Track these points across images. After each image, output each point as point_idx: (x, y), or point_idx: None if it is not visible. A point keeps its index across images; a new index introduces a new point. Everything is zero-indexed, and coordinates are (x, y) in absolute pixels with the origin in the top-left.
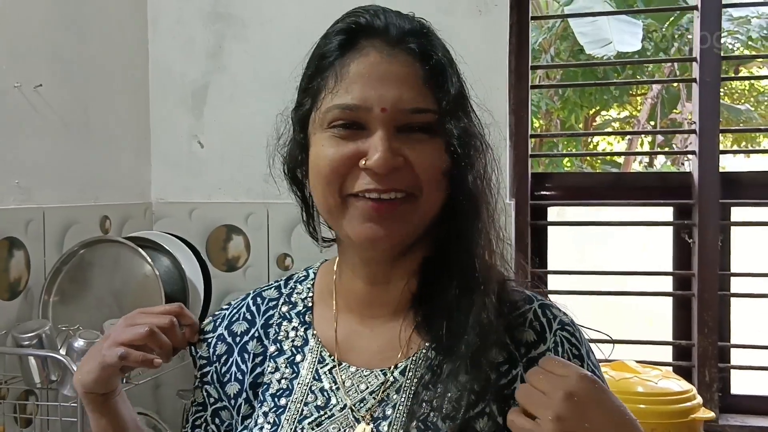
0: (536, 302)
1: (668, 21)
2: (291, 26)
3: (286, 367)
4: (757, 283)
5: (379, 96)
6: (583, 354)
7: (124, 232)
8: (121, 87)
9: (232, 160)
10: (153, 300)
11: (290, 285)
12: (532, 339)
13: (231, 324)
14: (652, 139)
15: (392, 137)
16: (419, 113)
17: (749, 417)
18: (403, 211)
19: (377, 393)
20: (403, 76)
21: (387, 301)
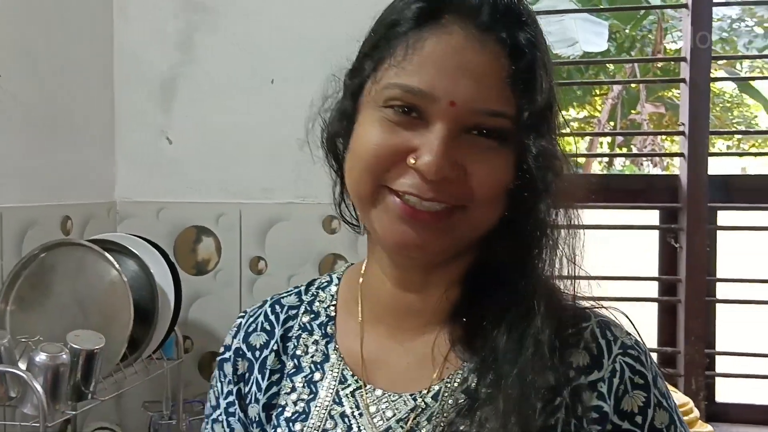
0: (594, 319)
1: (631, 22)
2: (267, 18)
3: (303, 386)
4: (740, 289)
5: (452, 87)
6: (649, 383)
7: (86, 234)
8: (85, 79)
9: (202, 157)
10: (120, 307)
11: (311, 291)
12: (585, 363)
13: (248, 336)
14: (611, 140)
15: (453, 138)
16: (494, 117)
17: (735, 426)
18: (447, 224)
19: (405, 421)
20: (485, 69)
21: (421, 310)
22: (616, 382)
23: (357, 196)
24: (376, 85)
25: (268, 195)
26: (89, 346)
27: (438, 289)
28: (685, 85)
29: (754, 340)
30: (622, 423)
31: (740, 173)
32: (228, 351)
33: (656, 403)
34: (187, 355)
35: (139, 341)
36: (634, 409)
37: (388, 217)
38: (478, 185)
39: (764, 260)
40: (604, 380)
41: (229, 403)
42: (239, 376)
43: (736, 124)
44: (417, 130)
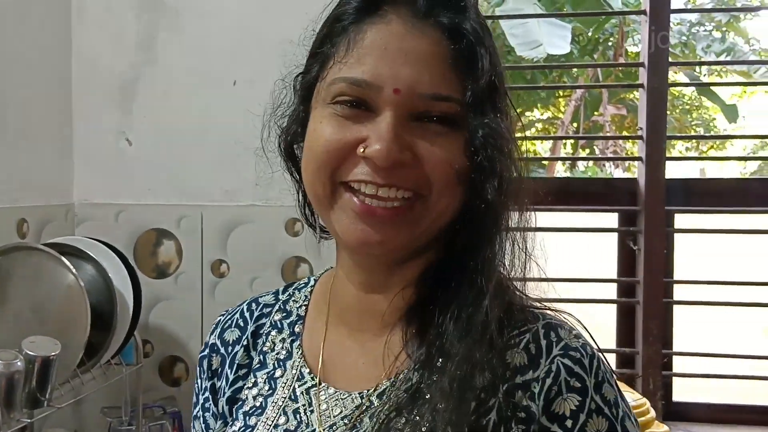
0: (542, 321)
1: (594, 25)
2: (229, 18)
3: (264, 382)
4: (697, 290)
5: (395, 74)
6: (588, 387)
7: (43, 237)
8: (42, 79)
9: (163, 159)
10: (78, 312)
11: (289, 291)
12: (522, 363)
13: (224, 332)
14: (574, 143)
15: (403, 125)
16: (439, 101)
17: (692, 425)
18: (406, 216)
19: (350, 418)
20: (427, 55)
21: (379, 311)
22: (549, 383)
23: (315, 197)
24: (323, 83)
25: (230, 197)
26: (45, 352)
27: (397, 288)
28: (644, 90)
29: (711, 340)
30: (551, 425)
31: (698, 177)
32: (206, 348)
33: (594, 408)
34: (147, 360)
35: (97, 346)
36: (566, 412)
37: (347, 217)
38: (433, 170)
39: (720, 262)
40: (538, 380)
41: (206, 398)
42: (213, 372)
43: (695, 126)
44: (366, 122)
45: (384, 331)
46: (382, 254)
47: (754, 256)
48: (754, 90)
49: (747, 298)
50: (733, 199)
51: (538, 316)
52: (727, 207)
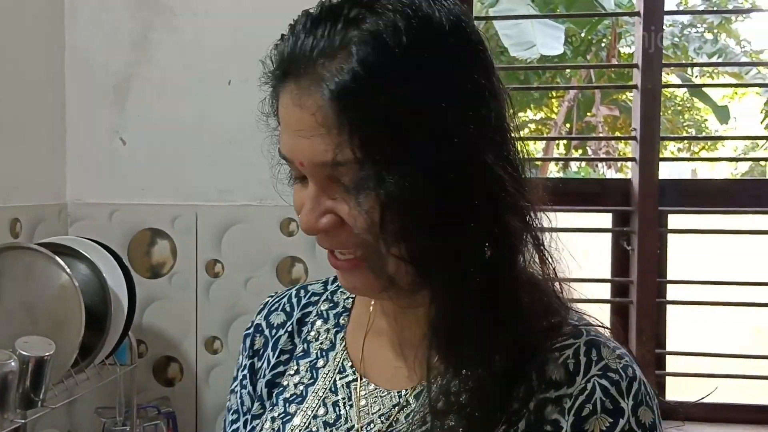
0: (584, 337)
1: (587, 26)
2: (224, 17)
3: (306, 371)
4: (690, 290)
5: (293, 148)
6: (623, 409)
7: (36, 237)
8: (34, 78)
9: (157, 158)
10: (72, 312)
11: (337, 282)
12: (558, 378)
13: (270, 314)
14: (567, 143)
15: (325, 190)
16: (337, 165)
17: (684, 424)
18: (363, 268)
19: (387, 416)
20: (311, 124)
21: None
22: (582, 400)
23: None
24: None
25: (225, 197)
26: (39, 352)
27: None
28: (637, 91)
29: (703, 339)
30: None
31: (690, 177)
32: (251, 327)
33: (627, 430)
34: (142, 360)
35: (91, 347)
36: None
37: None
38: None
39: (713, 262)
40: (571, 396)
41: (244, 376)
42: (254, 351)
43: (687, 127)
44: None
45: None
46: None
47: (746, 256)
48: (745, 91)
49: (739, 298)
50: (725, 200)
51: (582, 331)
52: (720, 207)
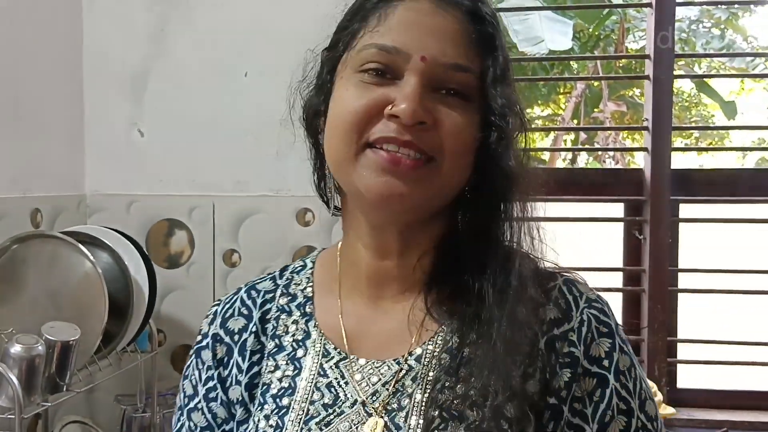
0: (560, 278)
1: (595, 22)
2: (240, 10)
3: (287, 364)
4: (701, 279)
5: (422, 45)
6: (613, 331)
7: (56, 227)
8: (53, 71)
9: (175, 149)
10: (95, 300)
11: (286, 276)
12: (556, 316)
13: (226, 322)
14: (575, 137)
15: (426, 91)
16: (460, 71)
17: (695, 410)
18: (425, 172)
19: (390, 384)
20: (451, 31)
21: (398, 277)
22: (584, 331)
23: (338, 159)
24: (352, 52)
25: (242, 188)
26: (65, 337)
27: (414, 255)
28: (649, 82)
29: (714, 327)
30: (591, 367)
31: (701, 167)
32: (206, 338)
33: (619, 348)
34: (160, 349)
35: (112, 334)
36: (601, 354)
37: (371, 171)
38: (448, 137)
39: (725, 251)
40: (574, 330)
41: (209, 388)
42: (218, 361)
43: (694, 122)
44: (392, 86)
45: (403, 297)
46: (402, 211)
47: (758, 246)
48: (751, 87)
49: (750, 286)
50: (737, 189)
51: (555, 274)
52: (731, 197)
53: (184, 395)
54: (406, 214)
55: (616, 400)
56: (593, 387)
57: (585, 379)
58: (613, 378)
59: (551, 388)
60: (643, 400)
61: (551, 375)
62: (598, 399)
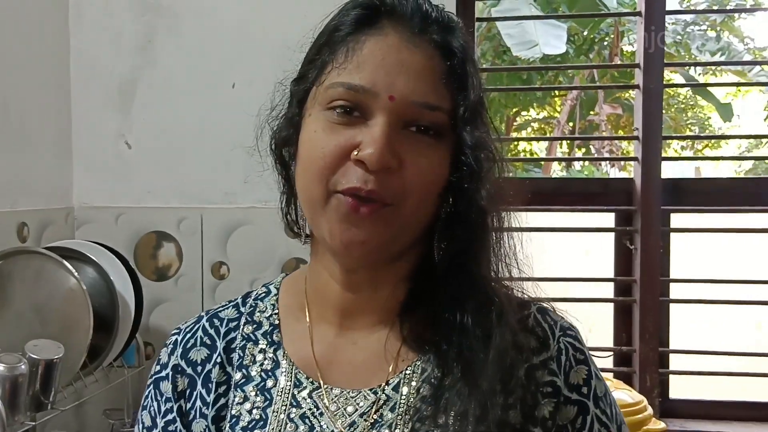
0: (534, 306)
1: (589, 25)
2: (228, 21)
3: (256, 395)
4: (693, 289)
5: (391, 82)
6: (587, 357)
7: (43, 240)
8: (40, 82)
9: (163, 161)
10: (80, 315)
11: (249, 303)
12: (535, 346)
13: (187, 352)
14: (570, 142)
15: (394, 132)
16: (430, 110)
17: (688, 421)
18: (384, 215)
19: (368, 414)
20: (420, 66)
21: (370, 309)
22: (563, 359)
23: (308, 201)
24: (320, 87)
25: (230, 199)
26: (48, 355)
27: (386, 287)
28: (639, 90)
29: (706, 337)
30: (571, 394)
31: (693, 177)
32: (165, 369)
33: (595, 375)
34: (149, 362)
35: (99, 349)
36: (580, 382)
37: (336, 218)
38: (412, 178)
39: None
40: (553, 358)
41: (168, 421)
42: (179, 393)
43: (690, 125)
44: (359, 127)
45: (377, 328)
46: (364, 255)
47: (748, 255)
48: (748, 89)
49: (742, 296)
50: (728, 199)
51: (528, 302)
52: (723, 206)
53: (142, 426)
54: (369, 256)
55: (597, 426)
56: (575, 414)
57: (566, 407)
58: (592, 405)
59: (534, 417)
60: (619, 425)
61: (533, 404)
62: (580, 426)
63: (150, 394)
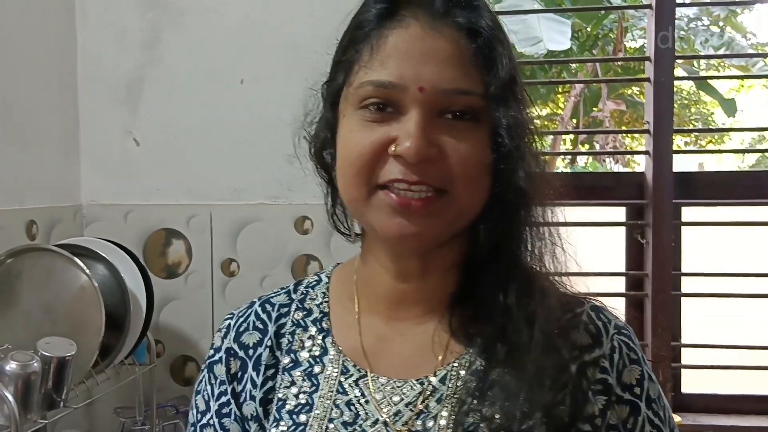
0: (588, 304)
1: (593, 21)
2: (233, 16)
3: (303, 380)
4: (705, 282)
5: (418, 74)
6: (640, 358)
7: (52, 238)
8: (47, 80)
9: (171, 158)
10: (91, 313)
11: (300, 290)
12: (587, 342)
13: (240, 336)
14: (573, 138)
15: (429, 122)
16: (462, 95)
17: (700, 415)
18: (436, 208)
19: (414, 404)
20: (446, 53)
21: (419, 299)
22: (616, 358)
23: (351, 200)
24: (350, 88)
25: (239, 196)
26: (61, 353)
27: (434, 277)
28: (650, 84)
29: (719, 331)
30: (624, 394)
31: (702, 170)
32: (218, 352)
33: (648, 376)
34: (159, 360)
35: (110, 347)
36: (633, 382)
37: (384, 213)
38: (457, 165)
39: (728, 254)
40: (606, 356)
41: (222, 404)
42: (232, 376)
43: (694, 120)
44: (394, 123)
45: (425, 320)
46: (418, 246)
47: (761, 248)
48: (752, 84)
49: (755, 290)
50: (739, 191)
51: (582, 300)
52: (734, 199)
53: (197, 411)
54: (423, 246)
55: (649, 428)
56: (627, 414)
57: (618, 407)
58: (644, 406)
59: (584, 414)
60: (671, 429)
61: (583, 401)
62: (631, 427)
63: (204, 378)
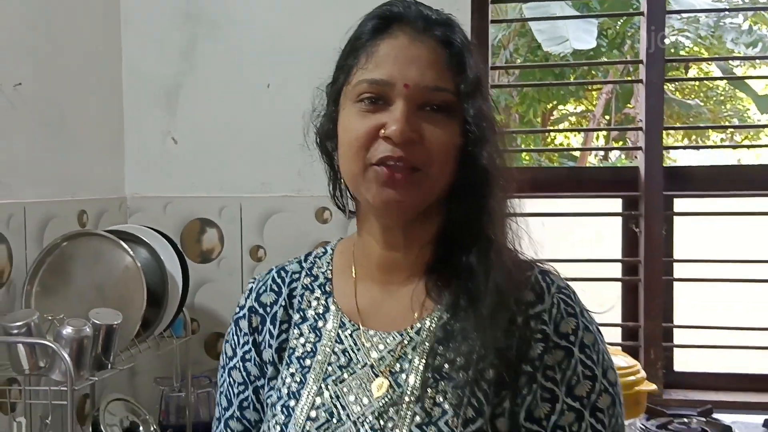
0: (537, 269)
1: (621, 20)
2: (261, 28)
3: (309, 332)
4: (696, 268)
5: (404, 74)
6: (577, 313)
7: (100, 226)
8: (95, 86)
9: (205, 155)
10: (134, 290)
11: (309, 260)
12: (532, 299)
13: (260, 296)
14: (607, 134)
15: (412, 112)
16: (439, 92)
17: (690, 391)
18: (415, 180)
19: (395, 351)
20: (427, 59)
21: (403, 266)
22: (554, 312)
23: (350, 175)
24: (348, 86)
25: (266, 189)
26: (109, 321)
27: (415, 248)
28: (642, 85)
29: (711, 314)
30: (560, 341)
31: (694, 165)
32: (243, 309)
33: (583, 327)
34: (194, 336)
35: (150, 321)
36: (568, 331)
37: (375, 185)
38: (434, 149)
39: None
40: (546, 311)
41: (245, 351)
42: (254, 329)
43: (728, 117)
44: (384, 112)
45: (408, 282)
46: (401, 212)
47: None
48: None
49: (741, 275)
50: (728, 184)
51: (532, 265)
52: (723, 191)
53: (225, 356)
54: (405, 214)
55: (581, 368)
56: (561, 358)
57: (554, 351)
58: (578, 350)
59: (527, 357)
60: (605, 369)
61: (526, 347)
62: (565, 367)
63: (231, 330)
